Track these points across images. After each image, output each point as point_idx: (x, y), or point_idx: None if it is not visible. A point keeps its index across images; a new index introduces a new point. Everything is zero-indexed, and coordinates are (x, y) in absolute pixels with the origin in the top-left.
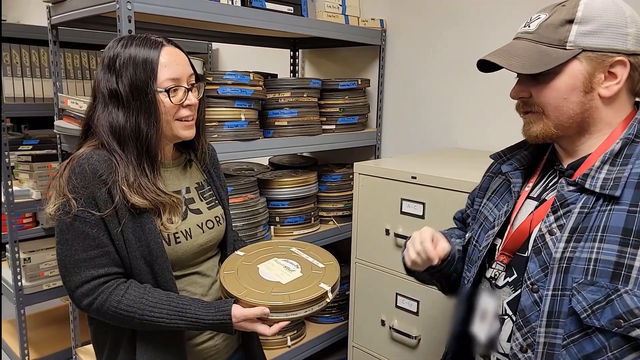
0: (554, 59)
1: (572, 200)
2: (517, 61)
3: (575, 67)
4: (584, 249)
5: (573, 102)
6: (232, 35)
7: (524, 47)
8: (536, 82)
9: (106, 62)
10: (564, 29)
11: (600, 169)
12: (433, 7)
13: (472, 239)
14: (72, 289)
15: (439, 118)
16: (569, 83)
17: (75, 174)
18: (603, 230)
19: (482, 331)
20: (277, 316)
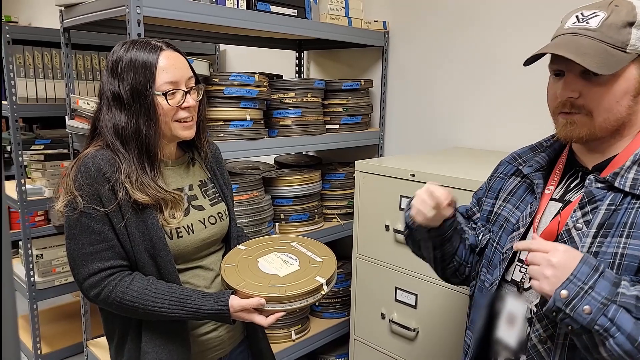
0: (618, 61)
1: (599, 197)
2: (592, 59)
3: (631, 71)
4: (611, 244)
5: (623, 105)
6: (239, 37)
7: (589, 45)
8: (589, 83)
9: (110, 66)
10: (626, 31)
11: (630, 168)
12: (435, 9)
13: (491, 240)
14: (81, 281)
15: (441, 118)
16: (624, 87)
17: (81, 173)
18: (630, 226)
19: (511, 336)
20: (273, 307)
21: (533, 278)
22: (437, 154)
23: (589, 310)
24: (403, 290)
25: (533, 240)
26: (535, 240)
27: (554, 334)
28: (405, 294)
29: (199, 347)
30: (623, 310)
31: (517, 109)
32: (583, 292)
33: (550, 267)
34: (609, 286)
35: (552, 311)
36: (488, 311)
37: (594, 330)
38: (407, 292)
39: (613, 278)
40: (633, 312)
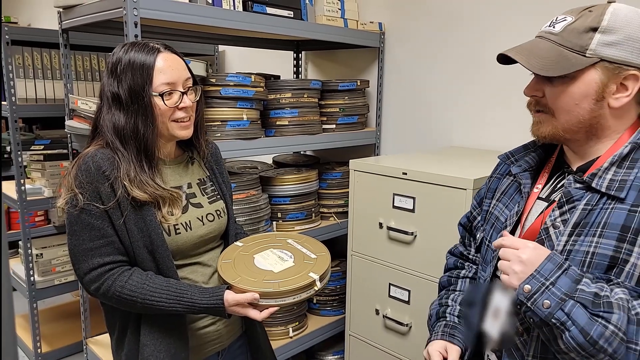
0: (572, 64)
1: (577, 197)
2: (537, 62)
3: (591, 75)
4: (584, 243)
5: (583, 108)
6: (237, 38)
7: (545, 47)
8: (551, 84)
9: (109, 67)
10: (587, 36)
11: (607, 170)
12: (430, 10)
13: (484, 239)
14: (82, 275)
15: (436, 117)
16: (582, 90)
17: (81, 171)
18: (603, 226)
19: (494, 328)
20: (267, 302)
21: (503, 272)
22: (431, 153)
23: (548, 305)
24: (396, 287)
25: (505, 237)
26: (508, 237)
27: (529, 327)
28: (399, 290)
29: (197, 341)
30: (580, 305)
31: (511, 109)
32: (544, 288)
33: (519, 263)
34: (570, 283)
35: (516, 304)
36: (481, 304)
37: (551, 324)
38: (400, 288)
39: (575, 275)
40: (589, 308)
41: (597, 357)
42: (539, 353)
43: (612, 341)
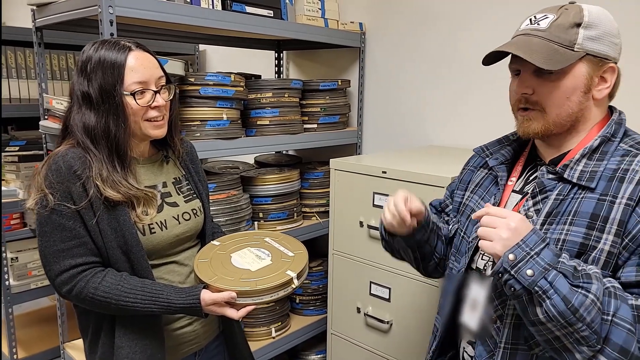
0: (566, 58)
1: (550, 188)
2: (539, 56)
3: (580, 69)
4: (555, 231)
5: (573, 101)
6: (218, 37)
7: (539, 43)
8: (541, 80)
9: (79, 66)
10: (573, 31)
11: (579, 161)
12: (410, 11)
13: (459, 230)
14: (53, 277)
15: (416, 117)
16: (573, 83)
17: (52, 171)
18: (574, 214)
19: (473, 319)
20: (244, 301)
21: (486, 239)
22: (411, 151)
23: (532, 274)
24: (377, 285)
25: (490, 206)
26: (493, 207)
27: (503, 315)
28: (380, 288)
29: (173, 341)
30: (561, 275)
31: (489, 108)
32: (529, 257)
33: (507, 230)
34: (552, 255)
35: (498, 272)
36: (454, 296)
37: (533, 291)
38: (381, 286)
39: (556, 250)
40: (569, 279)
41: (573, 327)
42: (510, 339)
43: (591, 310)
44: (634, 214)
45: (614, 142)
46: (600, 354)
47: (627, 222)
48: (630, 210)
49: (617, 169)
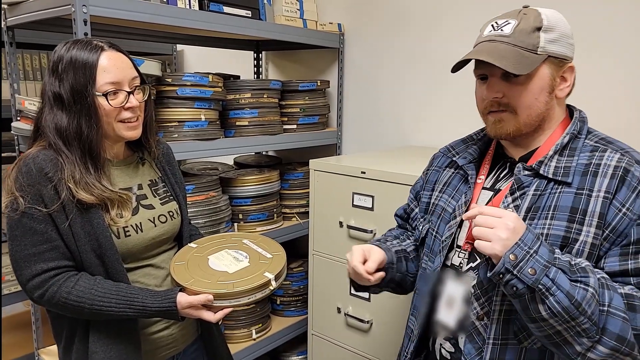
0: (532, 62)
1: (527, 184)
2: (508, 62)
3: (544, 70)
4: (537, 226)
5: (541, 101)
6: (195, 37)
7: (506, 49)
8: (510, 84)
9: (51, 66)
10: (535, 35)
11: (552, 158)
12: (389, 11)
13: (431, 230)
14: (24, 282)
15: (396, 117)
16: (539, 85)
17: (22, 173)
18: (554, 209)
19: (450, 317)
20: (221, 303)
21: (483, 239)
22: (390, 152)
23: (534, 272)
24: None
25: (482, 206)
26: (486, 206)
27: (489, 311)
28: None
29: (150, 346)
30: (561, 272)
31: (466, 109)
32: (529, 256)
33: (506, 230)
34: (548, 252)
35: (499, 273)
36: (430, 295)
37: (537, 289)
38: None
39: (549, 246)
40: (568, 274)
41: (576, 321)
42: (500, 335)
43: (591, 303)
44: (612, 206)
45: (581, 139)
46: (598, 343)
47: (607, 214)
48: (608, 203)
49: (590, 164)
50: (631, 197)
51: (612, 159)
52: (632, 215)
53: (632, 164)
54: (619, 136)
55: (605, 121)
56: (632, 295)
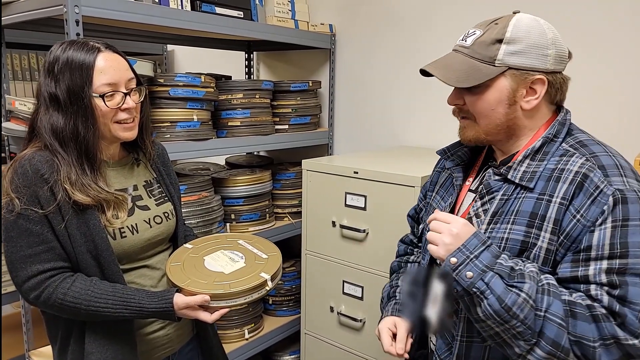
0: (484, 74)
1: (496, 188)
2: (453, 74)
3: (502, 82)
4: (500, 230)
5: (499, 112)
6: (187, 37)
7: (459, 61)
8: (469, 93)
9: (46, 67)
10: (494, 47)
11: (521, 162)
12: (379, 12)
13: (425, 228)
14: (20, 284)
15: (387, 117)
16: (496, 96)
17: (18, 175)
18: (516, 214)
19: (433, 313)
20: (218, 304)
21: (432, 243)
22: (382, 152)
23: (471, 275)
24: (350, 284)
25: (437, 212)
26: (440, 212)
27: (457, 310)
28: (352, 287)
29: (146, 346)
30: (497, 276)
31: None
32: (469, 260)
33: (450, 236)
34: (490, 257)
35: (443, 275)
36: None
37: (472, 292)
38: (353, 285)
39: (496, 252)
40: (505, 279)
41: (509, 324)
42: (465, 333)
43: (523, 307)
44: (568, 212)
45: (556, 142)
46: (536, 346)
47: (562, 220)
48: (564, 209)
49: (555, 169)
50: (586, 204)
51: (575, 164)
52: (585, 222)
53: (593, 169)
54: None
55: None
56: (575, 302)
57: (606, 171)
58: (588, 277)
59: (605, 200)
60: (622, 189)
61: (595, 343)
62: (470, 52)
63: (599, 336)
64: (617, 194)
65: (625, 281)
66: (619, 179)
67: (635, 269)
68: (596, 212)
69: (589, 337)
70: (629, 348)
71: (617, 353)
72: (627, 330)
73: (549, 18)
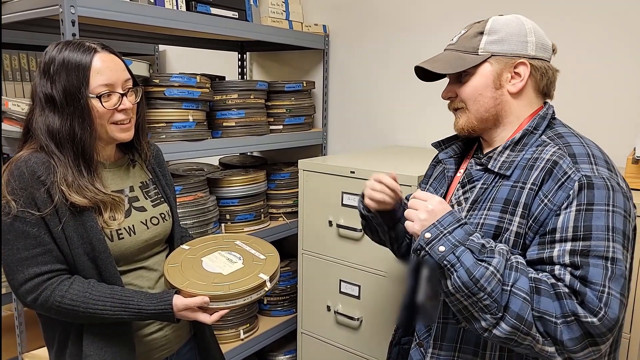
0: (468, 62)
1: (477, 178)
2: (439, 64)
3: (486, 68)
4: (477, 216)
5: (487, 96)
6: (180, 37)
7: (446, 54)
8: (459, 83)
9: (42, 67)
10: (477, 39)
11: (501, 153)
12: (373, 13)
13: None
14: (16, 287)
15: (380, 117)
16: (481, 81)
17: (14, 177)
18: (492, 201)
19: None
20: (217, 305)
21: (408, 219)
22: (377, 152)
23: (443, 250)
24: (347, 282)
25: (417, 191)
26: (418, 191)
27: (437, 292)
28: (349, 286)
29: (144, 348)
30: (468, 251)
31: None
32: (442, 235)
33: (425, 212)
34: (463, 234)
35: (417, 249)
36: (412, 279)
37: (443, 265)
38: (350, 284)
39: (469, 230)
40: (475, 254)
41: (476, 296)
42: (442, 315)
43: (491, 281)
44: (537, 198)
45: (536, 134)
46: (501, 320)
47: (531, 205)
48: (533, 194)
49: (530, 158)
50: (554, 189)
51: (547, 152)
52: (551, 206)
53: (563, 156)
54: None
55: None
56: (540, 279)
57: (576, 159)
58: (552, 258)
59: (571, 185)
60: (589, 175)
61: (557, 319)
62: (456, 47)
63: (561, 313)
64: (584, 179)
65: (587, 262)
66: (587, 166)
67: (597, 251)
68: (562, 196)
69: (551, 313)
70: (588, 326)
71: (578, 330)
72: (587, 308)
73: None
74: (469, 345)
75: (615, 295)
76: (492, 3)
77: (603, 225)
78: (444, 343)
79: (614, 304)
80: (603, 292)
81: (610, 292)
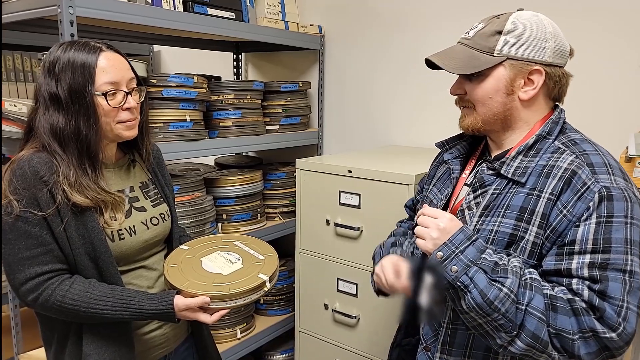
0: (482, 63)
1: (489, 182)
2: (452, 62)
3: (500, 72)
4: (490, 222)
5: (497, 101)
6: (175, 38)
7: (460, 50)
8: (470, 82)
9: (46, 67)
10: (494, 38)
11: (515, 158)
12: (368, 13)
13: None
14: (17, 286)
15: (376, 117)
16: (494, 85)
17: (16, 177)
18: (506, 208)
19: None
20: (218, 305)
21: (420, 237)
22: (373, 151)
23: (456, 270)
24: (344, 281)
25: (425, 207)
26: (427, 207)
27: (445, 298)
28: (347, 284)
29: (143, 346)
30: (481, 271)
31: (446, 108)
32: (454, 255)
33: (437, 230)
34: (475, 252)
35: (430, 268)
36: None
37: (456, 286)
38: (348, 282)
39: (481, 246)
40: (489, 274)
41: (491, 317)
42: (451, 320)
43: (505, 301)
44: (555, 208)
45: (549, 140)
46: (517, 338)
47: (549, 215)
48: (551, 204)
49: (546, 165)
50: (573, 199)
51: (565, 161)
52: (570, 217)
53: (581, 166)
54: None
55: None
56: (556, 296)
57: (594, 169)
58: (571, 271)
59: (591, 196)
60: (609, 186)
61: (574, 335)
62: (471, 43)
63: (578, 329)
64: (603, 191)
65: (606, 276)
66: (606, 177)
67: (616, 264)
68: (582, 207)
69: (568, 330)
70: (606, 341)
71: (595, 345)
72: (605, 324)
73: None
74: (479, 350)
75: (633, 309)
76: (488, 5)
77: (622, 238)
78: (453, 348)
79: (632, 318)
80: (622, 307)
81: (628, 307)
